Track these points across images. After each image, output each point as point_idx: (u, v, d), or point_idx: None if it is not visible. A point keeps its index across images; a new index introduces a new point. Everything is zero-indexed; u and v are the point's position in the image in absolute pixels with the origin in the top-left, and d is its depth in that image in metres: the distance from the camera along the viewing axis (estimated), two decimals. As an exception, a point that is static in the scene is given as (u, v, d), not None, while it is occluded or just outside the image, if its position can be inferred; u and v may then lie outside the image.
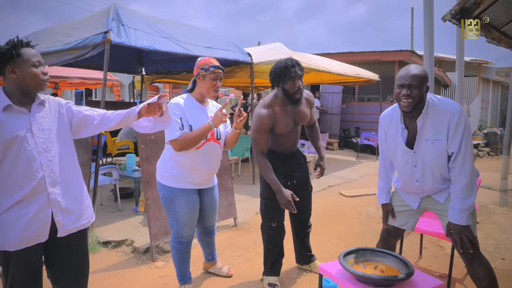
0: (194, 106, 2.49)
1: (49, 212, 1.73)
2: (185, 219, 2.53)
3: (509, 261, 3.29)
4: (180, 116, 2.38)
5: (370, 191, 5.99)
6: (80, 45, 4.13)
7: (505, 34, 2.76)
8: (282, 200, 2.59)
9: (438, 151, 2.10)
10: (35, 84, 1.71)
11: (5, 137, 1.62)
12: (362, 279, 1.86)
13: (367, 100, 12.43)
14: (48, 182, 1.72)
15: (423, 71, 2.09)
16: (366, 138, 10.05)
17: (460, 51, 5.06)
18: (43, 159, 1.71)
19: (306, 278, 2.99)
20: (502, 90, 20.84)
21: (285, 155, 2.82)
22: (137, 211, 4.62)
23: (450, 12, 2.12)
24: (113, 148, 6.89)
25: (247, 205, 4.99)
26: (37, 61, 1.71)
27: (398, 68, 11.36)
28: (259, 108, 2.69)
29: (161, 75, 7.86)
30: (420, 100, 2.07)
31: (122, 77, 12.36)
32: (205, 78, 2.44)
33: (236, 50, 5.94)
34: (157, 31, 4.60)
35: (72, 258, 1.86)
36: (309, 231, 3.09)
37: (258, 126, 2.64)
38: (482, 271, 2.07)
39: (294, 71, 2.54)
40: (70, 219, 1.79)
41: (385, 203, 2.43)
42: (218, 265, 3.05)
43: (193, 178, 2.51)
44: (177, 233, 2.58)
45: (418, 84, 2.03)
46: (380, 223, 4.43)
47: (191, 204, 2.54)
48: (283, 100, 2.66)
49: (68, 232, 1.80)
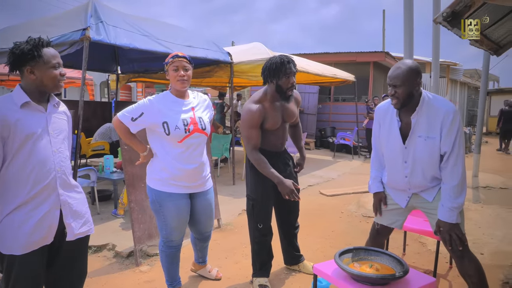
0: (169, 100, 2.40)
1: (57, 213, 1.70)
2: (174, 223, 2.46)
3: (488, 255, 3.41)
4: (142, 111, 2.31)
5: (349, 190, 6.09)
6: (57, 43, 3.95)
7: (487, 36, 2.87)
8: (285, 190, 2.58)
9: (429, 149, 2.13)
10: (53, 86, 1.71)
11: (21, 133, 1.61)
12: (359, 278, 1.87)
13: (342, 100, 12.63)
14: (59, 183, 1.70)
15: (408, 69, 2.08)
16: (342, 138, 10.20)
17: (435, 53, 5.19)
18: (57, 159, 1.70)
19: (295, 279, 2.98)
20: (468, 91, 21.70)
21: (274, 154, 2.79)
22: (116, 214, 4.49)
23: (441, 15, 2.17)
24: (88, 149, 6.69)
25: (229, 206, 4.95)
26: (57, 63, 1.71)
27: (373, 69, 11.61)
28: (249, 103, 2.66)
29: (137, 74, 7.69)
30: (408, 97, 2.09)
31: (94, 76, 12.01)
32: (169, 71, 2.38)
33: (216, 49, 5.88)
34: (136, 29, 4.50)
35: (75, 263, 1.82)
36: (296, 231, 3.09)
37: (249, 121, 2.62)
38: (472, 268, 2.12)
39: (289, 67, 2.56)
40: (79, 223, 1.78)
41: (378, 191, 2.42)
42: (208, 267, 3.00)
43: (182, 180, 2.40)
44: (166, 237, 2.50)
45: (401, 83, 2.07)
46: (362, 222, 4.50)
47: (180, 209, 2.44)
48: (273, 96, 2.66)
49: (77, 236, 1.77)
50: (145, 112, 2.32)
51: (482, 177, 6.62)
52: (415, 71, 2.09)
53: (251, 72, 6.47)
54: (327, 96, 12.73)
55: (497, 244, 3.67)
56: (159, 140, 2.38)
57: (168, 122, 2.31)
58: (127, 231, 3.83)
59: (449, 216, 2.09)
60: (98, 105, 9.19)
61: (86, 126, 5.87)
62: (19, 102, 1.64)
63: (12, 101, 1.65)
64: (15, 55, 1.65)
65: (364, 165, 9.00)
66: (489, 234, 3.95)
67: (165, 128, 2.30)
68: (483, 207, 5.06)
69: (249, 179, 2.85)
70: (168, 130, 2.30)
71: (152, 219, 3.38)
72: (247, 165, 2.87)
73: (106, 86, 11.90)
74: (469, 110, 21.64)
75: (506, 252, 3.47)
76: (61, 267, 1.79)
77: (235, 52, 6.49)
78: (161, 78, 8.21)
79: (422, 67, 15.17)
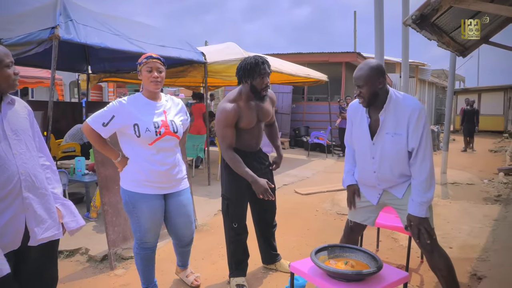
0: (141, 102, 2.37)
1: (22, 218, 1.61)
2: (147, 225, 2.41)
3: (456, 249, 3.55)
4: (113, 114, 2.27)
5: (324, 189, 6.18)
6: (23, 41, 3.83)
7: (453, 39, 2.99)
8: (259, 189, 2.60)
9: (396, 145, 2.19)
10: (7, 86, 1.64)
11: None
12: (335, 275, 1.90)
13: (315, 100, 12.79)
14: (24, 186, 1.61)
15: (369, 70, 2.15)
16: (316, 137, 10.34)
17: (405, 54, 5.35)
18: (19, 162, 1.61)
19: (272, 277, 3.01)
20: (436, 90, 22.43)
21: (249, 154, 2.80)
22: (89, 217, 4.39)
23: (411, 17, 2.25)
24: (58, 151, 6.48)
25: (205, 207, 4.93)
26: (10, 62, 1.63)
27: (345, 69, 11.82)
28: (224, 103, 2.67)
29: (109, 74, 7.52)
30: (372, 95, 2.17)
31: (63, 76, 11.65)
32: (142, 72, 2.34)
33: (189, 49, 5.84)
34: (108, 28, 4.40)
35: (43, 270, 1.73)
36: (274, 230, 3.11)
37: (224, 120, 2.63)
38: (442, 262, 2.20)
39: (263, 68, 2.59)
40: (42, 227, 1.68)
41: (351, 184, 2.48)
42: (187, 272, 2.92)
43: (155, 181, 2.37)
44: (140, 239, 2.46)
45: (364, 83, 2.15)
46: (336, 220, 4.58)
47: (154, 210, 2.40)
48: (248, 96, 2.68)
49: (39, 241, 1.67)
50: (116, 114, 2.27)
51: (450, 173, 6.86)
52: (376, 71, 2.16)
53: (225, 72, 6.45)
54: (301, 95, 12.86)
55: (465, 238, 3.82)
56: (130, 142, 2.35)
57: (138, 124, 2.27)
58: (101, 234, 3.75)
59: (418, 211, 2.16)
60: (68, 106, 8.92)
61: (55, 127, 5.67)
62: None
63: None
64: None
65: (338, 163, 9.15)
66: (457, 229, 4.10)
67: (136, 130, 2.27)
68: (451, 203, 5.25)
69: (224, 179, 2.85)
70: (138, 132, 2.27)
71: (126, 222, 3.32)
72: (222, 165, 2.88)
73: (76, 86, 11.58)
74: (437, 109, 22.39)
75: (473, 245, 3.62)
76: (29, 274, 1.71)
77: (209, 52, 6.45)
78: (133, 78, 8.06)
79: (392, 67, 15.58)
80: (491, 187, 6.44)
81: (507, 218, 4.45)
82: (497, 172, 7.71)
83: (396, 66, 15.29)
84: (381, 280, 1.93)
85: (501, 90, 18.81)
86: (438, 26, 2.64)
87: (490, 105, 18.45)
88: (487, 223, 4.27)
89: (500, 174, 7.45)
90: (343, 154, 10.31)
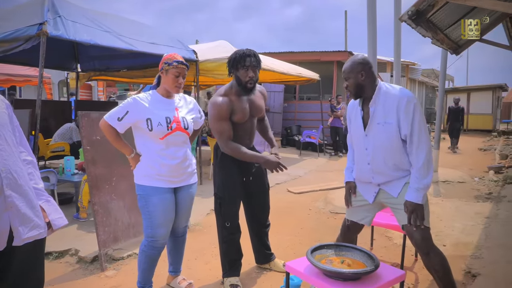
0: (156, 99, 2.44)
1: (6, 217, 1.51)
2: (160, 219, 2.42)
3: (450, 247, 3.55)
4: (127, 110, 2.35)
5: (316, 187, 6.17)
6: (10, 38, 3.75)
7: (447, 36, 2.99)
8: (273, 165, 2.63)
9: (388, 134, 2.21)
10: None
11: None
12: (331, 274, 1.87)
13: (307, 99, 12.79)
14: (6, 184, 1.51)
15: (352, 63, 2.25)
16: (308, 136, 10.33)
17: (397, 53, 5.37)
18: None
19: (266, 277, 2.97)
20: (426, 89, 22.63)
21: None
22: (78, 217, 4.30)
23: (407, 13, 2.24)
24: (46, 151, 6.37)
25: (197, 206, 4.83)
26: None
27: (337, 67, 11.83)
28: (215, 97, 2.68)
29: (98, 72, 7.41)
30: (356, 87, 2.25)
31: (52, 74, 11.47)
32: (168, 73, 2.39)
33: (181, 47, 5.78)
34: (97, 25, 4.32)
35: (29, 272, 1.64)
36: (267, 230, 3.08)
37: (217, 114, 2.63)
38: (437, 262, 2.18)
39: (249, 60, 2.60)
40: (27, 226, 1.58)
41: (348, 180, 2.50)
42: (178, 279, 2.82)
43: (166, 174, 2.42)
44: (151, 236, 2.44)
45: (348, 75, 2.26)
46: (330, 218, 4.56)
47: (165, 203, 2.43)
48: (238, 90, 2.69)
49: (24, 241, 1.57)
50: (130, 110, 2.35)
51: (442, 172, 6.91)
52: (358, 64, 2.25)
53: (216, 71, 6.41)
54: (293, 94, 12.85)
55: (458, 236, 3.83)
56: (142, 136, 2.42)
57: (151, 119, 2.35)
58: (91, 235, 3.67)
59: (415, 197, 2.15)
60: (57, 105, 8.80)
61: (44, 127, 5.57)
62: None
63: None
64: None
65: (330, 162, 9.16)
66: (450, 226, 4.12)
67: (148, 124, 2.34)
68: (443, 201, 5.27)
69: (216, 178, 2.83)
70: (151, 126, 2.34)
71: (117, 222, 3.26)
72: (215, 164, 2.85)
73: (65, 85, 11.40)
74: (427, 108, 22.58)
75: (466, 243, 3.63)
76: (14, 276, 1.61)
77: (201, 50, 6.40)
78: (123, 77, 7.97)
79: (383, 66, 15.65)
80: (482, 185, 6.49)
81: (499, 216, 4.48)
82: (487, 170, 7.79)
83: (387, 65, 15.37)
84: (378, 279, 1.91)
85: (490, 89, 19.06)
86: (433, 22, 2.63)
87: (479, 104, 18.67)
88: (479, 221, 4.29)
89: (490, 172, 7.53)
90: (335, 153, 10.32)
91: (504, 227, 4.04)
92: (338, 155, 10.16)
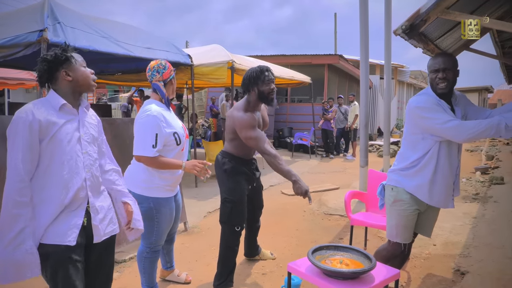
0: (167, 111, 2.47)
1: (81, 213, 1.74)
2: (165, 227, 2.54)
3: (440, 246, 3.70)
4: (156, 132, 2.30)
5: (310, 189, 6.28)
6: (10, 44, 3.77)
7: (437, 46, 3.15)
8: (303, 189, 2.61)
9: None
10: (88, 85, 1.78)
11: (57, 136, 1.65)
12: (331, 274, 1.98)
13: (298, 101, 12.94)
14: (88, 185, 1.75)
15: (452, 57, 2.25)
16: (300, 138, 10.47)
17: (387, 58, 5.53)
18: (86, 161, 1.74)
19: (267, 278, 3.08)
20: (414, 91, 22.97)
21: (248, 161, 2.94)
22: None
23: (401, 27, 2.37)
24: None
25: (194, 209, 4.96)
26: (85, 63, 1.77)
27: (328, 71, 12.00)
28: (239, 112, 2.72)
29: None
30: (455, 82, 2.27)
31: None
32: (174, 82, 2.53)
33: (176, 51, 5.85)
34: (95, 31, 4.37)
35: (105, 260, 1.90)
36: (259, 225, 3.32)
37: (252, 123, 2.67)
38: None
39: (268, 74, 2.73)
40: (104, 224, 1.82)
41: None
42: (176, 272, 3.01)
43: (173, 184, 2.53)
44: (156, 243, 2.53)
45: (448, 67, 2.22)
46: (324, 219, 4.69)
47: (172, 211, 2.56)
48: (254, 106, 2.79)
49: (103, 237, 1.81)
50: (157, 131, 2.31)
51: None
52: (455, 60, 2.26)
53: (211, 75, 6.48)
54: (284, 97, 12.99)
55: (447, 236, 3.99)
56: (168, 151, 2.40)
57: (177, 133, 2.41)
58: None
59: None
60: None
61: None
62: (57, 105, 1.69)
63: (50, 104, 1.69)
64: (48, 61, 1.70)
65: (322, 164, 9.31)
66: (439, 227, 4.26)
67: (177, 138, 2.40)
68: (433, 202, 5.43)
69: (225, 183, 2.86)
70: (179, 140, 2.41)
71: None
72: (220, 169, 2.89)
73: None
74: (415, 109, 22.87)
75: (455, 242, 3.78)
76: (94, 264, 1.85)
77: (195, 54, 6.47)
78: (117, 80, 8.01)
79: (372, 69, 15.88)
80: (469, 185, 6.68)
81: (485, 216, 4.65)
82: (474, 171, 8.00)
83: (376, 67, 15.60)
84: (374, 277, 2.03)
85: (476, 91, 19.49)
86: (424, 35, 2.78)
87: (466, 106, 19.01)
88: (467, 221, 4.45)
89: (477, 173, 7.73)
90: (326, 155, 10.49)
91: (490, 227, 4.21)
92: (329, 157, 10.33)
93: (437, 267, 3.26)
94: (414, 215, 2.39)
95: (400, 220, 2.39)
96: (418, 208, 2.39)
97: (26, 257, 1.57)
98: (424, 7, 2.23)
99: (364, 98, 5.00)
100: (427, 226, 2.51)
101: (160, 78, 2.44)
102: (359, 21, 4.42)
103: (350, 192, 3.59)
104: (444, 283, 2.98)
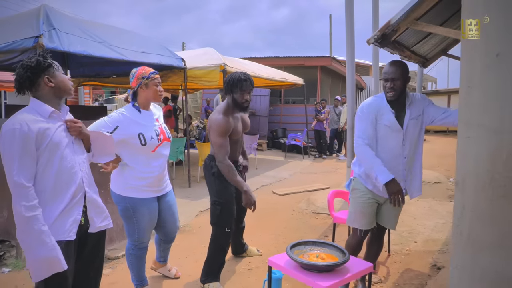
0: (141, 114, 2.55)
1: (80, 210, 1.88)
2: (146, 226, 2.63)
3: (420, 243, 3.86)
4: (117, 125, 2.41)
5: (300, 189, 6.44)
6: (6, 49, 3.90)
7: (414, 52, 3.30)
8: (251, 200, 2.83)
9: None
10: (68, 90, 1.87)
11: (52, 142, 1.75)
12: (308, 267, 2.14)
13: (292, 103, 13.10)
14: (85, 181, 1.89)
15: (401, 66, 2.46)
16: (293, 139, 10.63)
17: (375, 59, 5.69)
18: (79, 160, 1.88)
19: (252, 273, 3.23)
20: (408, 92, 23.10)
21: (233, 163, 3.03)
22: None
23: (373, 37, 2.52)
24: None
25: (186, 208, 5.10)
26: (62, 69, 1.87)
27: (320, 72, 12.17)
28: (218, 115, 2.82)
29: (88, 78, 7.57)
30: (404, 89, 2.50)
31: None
32: (149, 86, 2.53)
33: (169, 55, 5.99)
34: (90, 36, 4.51)
35: (98, 252, 2.05)
36: (243, 226, 3.51)
37: (223, 130, 2.78)
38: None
39: (245, 84, 2.80)
40: (100, 218, 1.99)
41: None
42: (168, 266, 3.17)
43: (152, 185, 2.58)
44: (138, 240, 2.65)
45: (395, 76, 2.45)
46: (312, 218, 4.84)
47: (153, 212, 2.63)
48: (233, 108, 2.89)
49: (98, 229, 1.97)
50: (120, 125, 2.42)
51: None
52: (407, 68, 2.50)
53: (204, 78, 6.64)
54: (278, 98, 13.14)
55: (429, 233, 4.15)
56: (131, 150, 2.50)
57: (143, 133, 2.47)
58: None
59: None
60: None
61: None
62: (46, 112, 1.78)
63: (37, 112, 1.77)
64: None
65: (314, 164, 9.46)
66: (422, 225, 4.43)
67: (141, 139, 2.46)
68: (419, 201, 5.59)
69: (213, 186, 2.97)
70: (144, 141, 2.46)
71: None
72: (208, 173, 2.99)
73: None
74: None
75: (435, 240, 3.94)
76: (87, 255, 1.99)
77: (188, 57, 6.62)
78: (113, 82, 8.13)
79: (365, 70, 16.08)
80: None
81: (468, 214, 4.81)
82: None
83: (369, 69, 15.78)
84: (348, 270, 2.18)
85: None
86: (398, 42, 2.93)
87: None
88: (450, 219, 4.60)
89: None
90: (319, 155, 10.65)
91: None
92: (322, 157, 10.49)
93: (416, 262, 3.41)
94: (370, 204, 2.60)
95: (356, 206, 2.63)
96: (374, 198, 2.60)
97: (53, 252, 1.70)
98: (394, 18, 2.39)
99: (351, 99, 5.15)
100: (390, 218, 2.70)
101: (131, 85, 2.59)
102: (345, 22, 4.56)
103: (334, 191, 3.73)
104: (421, 277, 3.14)
